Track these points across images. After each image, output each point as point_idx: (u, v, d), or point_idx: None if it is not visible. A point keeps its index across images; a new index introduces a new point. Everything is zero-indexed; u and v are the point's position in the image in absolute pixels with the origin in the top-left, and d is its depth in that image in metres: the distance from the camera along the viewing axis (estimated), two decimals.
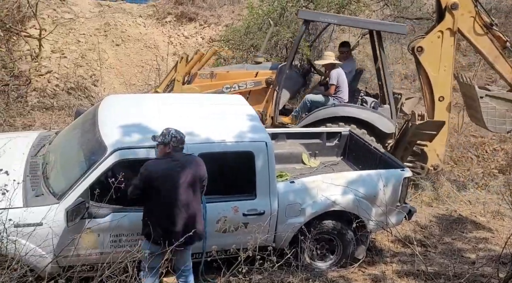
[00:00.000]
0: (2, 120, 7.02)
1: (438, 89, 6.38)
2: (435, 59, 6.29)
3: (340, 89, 6.52)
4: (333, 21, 6.80)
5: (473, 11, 6.11)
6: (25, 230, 3.44)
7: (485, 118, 6.22)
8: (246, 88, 6.66)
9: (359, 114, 6.35)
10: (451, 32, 6.18)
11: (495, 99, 6.14)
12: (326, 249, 4.67)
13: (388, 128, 6.39)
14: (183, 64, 6.85)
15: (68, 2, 13.16)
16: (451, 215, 6.21)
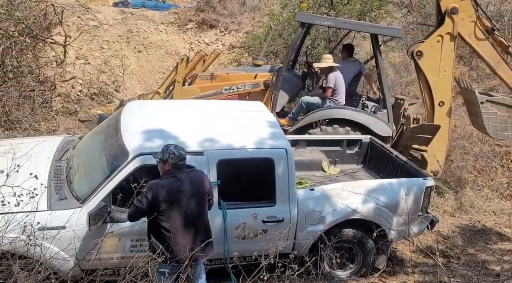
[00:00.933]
0: (28, 125, 7.19)
1: (438, 94, 6.29)
2: (434, 64, 6.21)
3: (337, 92, 6.53)
4: (330, 24, 6.76)
5: (474, 16, 6.02)
6: (49, 233, 3.50)
7: (486, 124, 6.08)
8: (244, 90, 6.73)
9: (354, 116, 6.31)
10: (451, 36, 6.10)
11: (496, 105, 6.00)
12: (346, 258, 4.61)
13: (384, 132, 6.30)
14: (184, 66, 6.92)
15: (92, 9, 13.48)
16: (474, 226, 6.07)
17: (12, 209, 3.29)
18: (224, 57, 12.40)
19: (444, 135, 6.35)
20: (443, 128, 6.31)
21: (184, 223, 3.41)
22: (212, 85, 6.85)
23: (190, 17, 14.34)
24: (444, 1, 6.04)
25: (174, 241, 3.38)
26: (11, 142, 4.64)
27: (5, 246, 3.28)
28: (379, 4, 9.60)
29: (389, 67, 10.52)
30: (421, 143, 6.24)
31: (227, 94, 6.69)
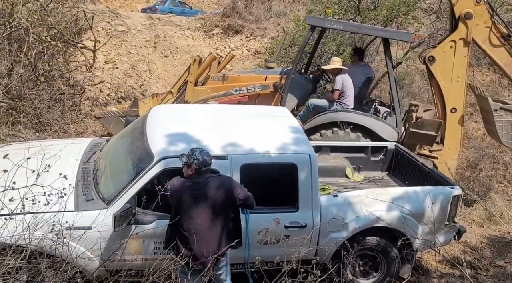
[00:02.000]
0: (58, 127, 7.39)
1: (451, 100, 6.16)
2: (447, 70, 6.10)
3: (344, 94, 6.49)
4: (338, 27, 6.67)
5: (489, 22, 5.89)
6: (76, 233, 3.58)
7: (500, 132, 5.93)
8: (254, 92, 6.81)
9: (360, 120, 6.25)
10: (464, 42, 5.98)
11: (511, 113, 5.83)
12: (370, 266, 4.54)
13: (390, 136, 6.20)
14: (196, 67, 7.08)
15: (121, 15, 13.78)
16: (504, 237, 5.89)
17: (41, 208, 3.39)
18: (249, 63, 12.48)
19: (456, 142, 6.23)
20: (456, 135, 6.21)
21: (194, 227, 3.40)
22: (223, 86, 6.98)
23: (216, 22, 14.51)
24: (458, 6, 5.94)
25: (186, 243, 3.42)
26: (41, 143, 4.78)
27: (34, 244, 3.37)
28: (406, 9, 9.48)
29: (416, 74, 10.35)
30: (425, 141, 6.08)
31: (238, 95, 6.79)
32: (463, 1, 5.91)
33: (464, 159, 7.86)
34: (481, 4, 5.87)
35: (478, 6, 5.87)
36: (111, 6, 19.15)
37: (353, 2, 9.54)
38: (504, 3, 10.55)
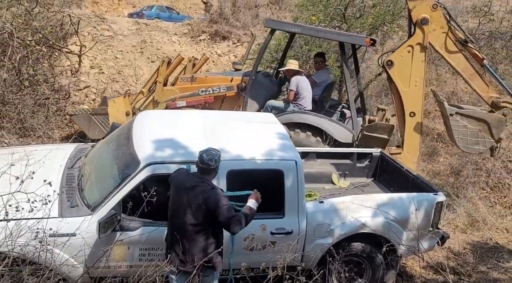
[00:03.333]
0: (42, 132, 7.29)
1: (409, 104, 6.23)
2: (405, 74, 6.17)
3: (300, 96, 6.60)
4: (297, 31, 6.85)
5: (446, 27, 5.97)
6: (60, 240, 3.54)
7: (456, 137, 5.98)
8: (220, 93, 7.00)
9: (315, 121, 6.36)
10: (421, 47, 6.07)
11: (467, 118, 5.90)
12: (355, 272, 4.56)
13: (343, 138, 6.35)
14: (164, 68, 7.42)
15: (107, 20, 13.72)
16: (486, 243, 5.98)
17: (25, 215, 3.34)
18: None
19: (416, 146, 6.29)
20: (415, 139, 6.27)
21: (170, 218, 3.49)
22: (191, 87, 7.21)
23: (203, 28, 14.54)
24: (415, 11, 6.02)
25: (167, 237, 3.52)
26: (24, 149, 4.71)
27: (16, 251, 3.31)
28: (391, 18, 9.63)
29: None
30: (378, 144, 6.15)
31: (204, 96, 7.01)
32: (420, 7, 5.98)
33: (447, 165, 7.98)
34: (438, 9, 5.93)
35: (435, 12, 5.95)
36: (97, 11, 19.05)
37: (339, 9, 9.65)
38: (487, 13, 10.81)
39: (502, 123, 5.86)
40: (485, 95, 5.99)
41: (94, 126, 7.42)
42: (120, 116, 7.56)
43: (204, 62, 8.42)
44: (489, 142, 5.90)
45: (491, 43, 11.04)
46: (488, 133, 5.86)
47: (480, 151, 6.07)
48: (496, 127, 5.84)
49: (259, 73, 7.22)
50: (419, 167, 7.61)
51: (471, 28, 11.28)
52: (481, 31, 10.96)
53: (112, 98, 8.04)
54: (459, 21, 12.23)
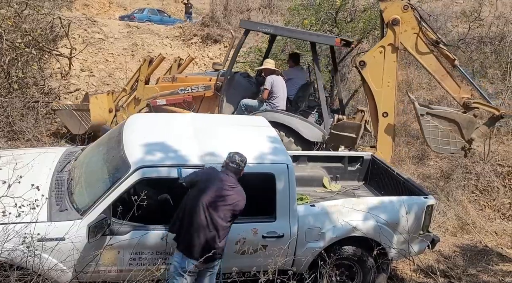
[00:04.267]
0: (31, 135, 7.22)
1: (382, 104, 6.28)
2: (378, 74, 6.22)
3: (274, 95, 6.65)
4: (269, 31, 6.98)
5: (417, 28, 6.01)
6: (48, 244, 3.49)
7: (428, 137, 6.01)
8: (198, 92, 7.12)
9: (285, 120, 6.41)
10: (393, 48, 6.11)
11: (438, 118, 5.92)
12: (346, 276, 4.56)
13: (312, 137, 6.40)
14: (146, 66, 7.64)
15: (98, 23, 13.64)
16: (476, 246, 6.03)
17: (12, 220, 3.29)
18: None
19: (389, 146, 6.34)
20: (388, 139, 6.32)
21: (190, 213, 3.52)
22: (171, 86, 7.37)
23: (194, 31, 14.53)
24: (387, 12, 6.08)
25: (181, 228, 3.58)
26: (13, 153, 4.66)
27: (3, 256, 3.27)
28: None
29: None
30: (346, 143, 6.21)
31: (183, 95, 7.13)
32: (391, 8, 6.03)
33: (438, 168, 8.03)
34: (409, 10, 5.98)
35: (406, 13, 5.99)
36: (88, 13, 18.95)
37: (330, 14, 9.70)
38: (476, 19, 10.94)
39: (472, 124, 5.88)
40: (457, 96, 6.03)
41: (76, 122, 7.66)
42: (103, 113, 7.74)
43: (189, 63, 8.63)
44: (460, 142, 5.92)
45: (480, 48, 11.16)
46: (459, 134, 5.89)
47: (451, 151, 6.08)
48: (466, 128, 5.86)
49: (237, 73, 7.39)
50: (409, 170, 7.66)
51: (461, 33, 11.41)
52: (471, 36, 11.09)
53: (95, 95, 8.12)
54: (449, 26, 12.40)
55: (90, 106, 7.51)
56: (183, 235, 3.55)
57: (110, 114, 7.87)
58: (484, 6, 11.16)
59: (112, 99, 7.97)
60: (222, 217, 3.52)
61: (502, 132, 9.08)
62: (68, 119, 7.74)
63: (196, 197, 3.55)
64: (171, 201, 3.90)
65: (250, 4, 16.23)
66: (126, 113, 7.72)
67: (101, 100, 7.79)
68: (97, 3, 23.20)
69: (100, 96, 7.96)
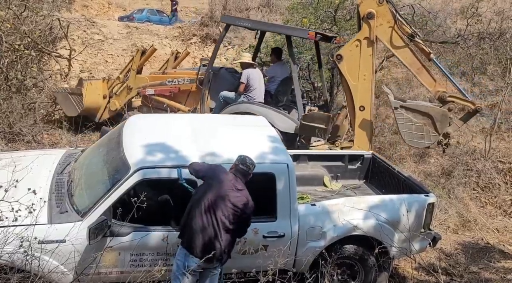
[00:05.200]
0: (31, 137, 7.21)
1: (358, 98, 6.30)
2: (354, 68, 6.24)
3: (251, 88, 6.83)
4: (247, 25, 7.21)
5: (392, 22, 6.03)
6: (49, 247, 3.49)
7: (402, 131, 6.01)
8: (184, 84, 7.52)
9: (259, 111, 6.56)
10: (369, 41, 6.13)
11: (412, 112, 5.91)
12: (347, 275, 4.56)
13: (286, 128, 6.52)
14: (138, 57, 8.13)
15: (98, 24, 13.64)
16: (477, 243, 6.02)
17: (10, 223, 3.29)
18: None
19: (366, 139, 6.35)
20: (365, 133, 6.33)
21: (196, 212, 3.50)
22: (160, 77, 7.93)
23: (194, 31, 14.52)
24: (362, 6, 6.11)
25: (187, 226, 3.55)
26: (12, 155, 4.65)
27: (3, 259, 3.26)
28: None
29: (392, 83, 10.55)
30: (316, 134, 6.25)
31: (170, 86, 7.59)
32: (367, 2, 6.05)
33: (438, 166, 8.01)
34: (384, 4, 5.99)
35: (381, 6, 6.01)
36: (87, 14, 18.93)
37: (330, 12, 9.68)
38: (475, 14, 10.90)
39: (446, 117, 5.86)
40: (432, 90, 6.05)
41: (70, 105, 8.18)
42: (96, 98, 8.28)
43: (185, 56, 9.00)
44: (434, 136, 5.90)
45: (479, 44, 11.14)
46: (433, 128, 5.88)
47: (425, 145, 6.07)
48: (440, 121, 5.84)
49: (222, 68, 7.67)
50: (410, 168, 7.65)
51: (460, 29, 11.38)
52: (470, 32, 11.06)
53: (89, 80, 8.63)
54: (448, 22, 12.36)
55: (83, 91, 8.00)
56: (187, 231, 3.53)
57: (104, 100, 8.36)
58: (483, 2, 11.11)
59: (107, 86, 8.41)
60: (226, 218, 3.49)
61: (503, 129, 9.07)
62: (64, 102, 8.24)
63: (201, 194, 3.54)
64: (172, 202, 3.90)
65: (249, 3, 16.23)
66: (118, 100, 8.26)
67: (96, 86, 8.28)
68: (96, 4, 23.19)
69: (95, 82, 8.45)
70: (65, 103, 8.25)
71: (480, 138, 8.58)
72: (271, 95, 7.18)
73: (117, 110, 8.33)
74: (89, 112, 8.30)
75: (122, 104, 8.18)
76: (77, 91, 8.13)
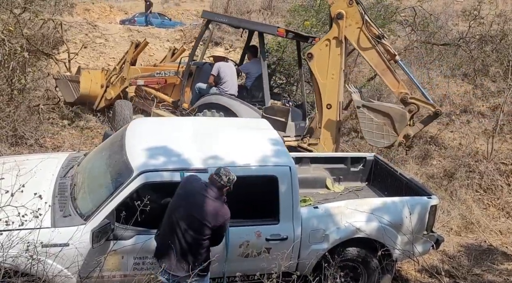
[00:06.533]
0: (34, 140, 7.23)
1: (326, 96, 6.39)
2: (323, 67, 6.34)
3: (222, 81, 7.13)
4: (223, 21, 7.66)
5: (360, 23, 6.09)
6: (52, 250, 3.50)
7: (363, 129, 6.09)
8: (169, 76, 7.96)
9: (227, 103, 6.90)
10: (337, 41, 6.21)
11: (373, 112, 5.98)
12: (350, 277, 4.55)
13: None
14: (132, 50, 8.66)
15: (99, 27, 13.68)
16: (480, 245, 6.01)
17: (16, 226, 3.30)
18: None
19: (331, 138, 6.43)
20: (330, 131, 6.42)
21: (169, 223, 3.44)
22: (150, 69, 8.51)
23: (195, 34, 14.53)
24: (333, 7, 6.22)
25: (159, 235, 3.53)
26: (15, 159, 4.67)
27: (8, 263, 3.27)
28: (382, 22, 9.69)
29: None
30: (277, 127, 6.24)
31: (158, 78, 8.06)
32: (338, 2, 6.16)
33: (441, 168, 8.01)
34: (354, 5, 6.08)
35: (351, 8, 6.09)
36: (89, 18, 19.01)
37: None
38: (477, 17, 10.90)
39: (404, 118, 5.91)
40: (396, 91, 6.10)
41: (69, 91, 8.79)
42: (94, 87, 8.81)
43: (182, 52, 9.39)
44: (393, 136, 5.96)
45: (481, 47, 11.14)
46: (392, 128, 5.93)
47: (385, 145, 6.14)
48: (399, 122, 5.90)
49: (206, 63, 7.99)
50: (412, 170, 7.64)
51: (462, 31, 11.39)
52: (472, 34, 11.07)
53: (88, 69, 9.24)
54: (450, 24, 12.37)
55: (81, 79, 8.56)
56: (159, 247, 3.52)
57: (101, 89, 8.89)
58: (484, 4, 11.12)
59: (105, 77, 8.95)
60: (196, 231, 3.37)
61: (505, 130, 9.06)
62: (64, 88, 8.85)
63: (171, 207, 3.47)
64: None
65: (250, 6, 16.27)
66: (113, 90, 8.76)
67: (94, 76, 8.85)
68: (98, 8, 23.28)
69: (93, 71, 9.03)
70: (65, 89, 8.82)
71: (482, 140, 8.58)
72: (247, 91, 7.48)
73: (112, 99, 8.77)
74: (87, 100, 8.86)
75: (117, 93, 8.67)
76: (75, 79, 8.68)
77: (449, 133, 9.18)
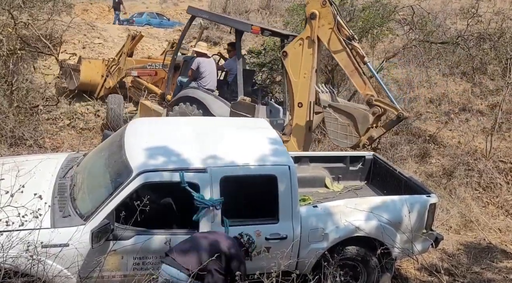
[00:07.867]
0: (33, 141, 7.23)
1: (298, 95, 6.42)
2: (296, 65, 6.38)
3: (201, 75, 7.29)
4: (206, 17, 7.85)
5: (332, 23, 6.11)
6: (52, 251, 3.50)
7: (328, 129, 6.11)
8: (158, 68, 8.45)
9: (200, 96, 7.09)
10: (310, 41, 6.25)
11: (338, 112, 6.01)
12: (350, 276, 4.57)
13: (220, 113, 6.83)
14: (129, 42, 9.18)
15: (98, 27, 13.66)
16: (480, 243, 6.02)
17: (17, 226, 3.30)
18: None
19: (301, 135, 6.45)
20: (300, 128, 6.44)
21: None
22: (143, 61, 9.01)
23: (194, 34, 14.50)
24: (308, 7, 6.27)
25: None
26: (15, 160, 4.67)
27: (8, 263, 3.28)
28: (381, 21, 9.69)
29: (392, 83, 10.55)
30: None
31: (149, 70, 8.58)
32: (313, 2, 6.18)
33: (440, 166, 8.02)
34: (327, 6, 6.11)
35: (324, 8, 6.12)
36: (88, 18, 18.98)
37: None
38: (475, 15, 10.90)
39: (366, 119, 5.91)
40: (362, 92, 6.11)
41: (71, 79, 9.37)
42: (94, 76, 9.40)
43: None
44: (355, 137, 5.98)
45: (479, 45, 11.14)
46: (354, 129, 5.96)
47: (348, 145, 6.13)
48: (361, 123, 5.91)
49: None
50: (411, 168, 7.65)
51: (460, 30, 11.39)
52: (470, 32, 11.07)
53: (88, 59, 9.88)
54: (448, 23, 12.37)
55: (81, 68, 9.14)
56: None
57: (102, 79, 9.47)
58: (482, 2, 11.13)
59: (105, 67, 9.47)
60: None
61: (504, 129, 9.07)
62: (66, 75, 9.52)
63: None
64: (174, 205, 3.91)
65: (249, 5, 16.26)
66: (112, 80, 9.27)
67: (95, 65, 9.45)
68: (96, 8, 23.24)
69: (94, 61, 9.68)
70: (68, 77, 9.46)
71: (481, 138, 8.59)
72: (227, 86, 7.64)
73: (111, 88, 9.23)
74: (88, 88, 9.40)
75: (115, 83, 9.12)
76: (76, 67, 9.27)
77: (448, 131, 9.19)
